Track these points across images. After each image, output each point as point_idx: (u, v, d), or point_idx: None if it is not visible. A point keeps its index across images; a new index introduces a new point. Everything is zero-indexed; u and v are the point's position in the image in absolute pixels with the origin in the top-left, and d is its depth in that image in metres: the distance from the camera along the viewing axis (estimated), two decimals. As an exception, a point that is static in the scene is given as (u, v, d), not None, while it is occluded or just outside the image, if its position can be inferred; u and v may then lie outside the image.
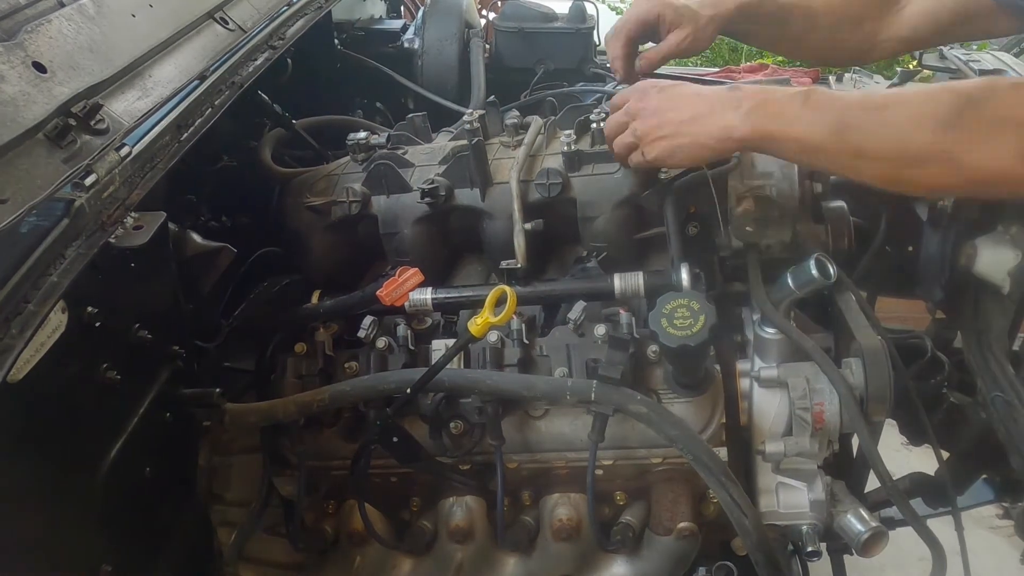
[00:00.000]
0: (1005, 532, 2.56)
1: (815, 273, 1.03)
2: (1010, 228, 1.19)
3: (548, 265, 1.27)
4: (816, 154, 0.94)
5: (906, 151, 0.88)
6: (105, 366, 0.86)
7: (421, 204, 1.21)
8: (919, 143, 0.87)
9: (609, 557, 1.17)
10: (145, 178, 0.92)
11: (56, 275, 0.77)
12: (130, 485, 0.91)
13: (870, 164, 0.91)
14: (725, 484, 0.95)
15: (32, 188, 0.78)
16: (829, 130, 0.92)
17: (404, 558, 1.22)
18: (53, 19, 0.92)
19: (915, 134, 0.87)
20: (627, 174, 1.17)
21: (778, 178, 1.16)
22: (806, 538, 1.09)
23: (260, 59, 1.22)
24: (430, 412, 1.10)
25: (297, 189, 1.32)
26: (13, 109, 0.81)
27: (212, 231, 1.27)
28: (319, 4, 1.48)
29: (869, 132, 0.90)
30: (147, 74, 1.01)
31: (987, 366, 1.21)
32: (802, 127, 0.93)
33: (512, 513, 1.19)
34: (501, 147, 1.27)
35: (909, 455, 1.96)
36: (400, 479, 1.20)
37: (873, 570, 2.20)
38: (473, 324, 1.01)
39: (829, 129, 0.91)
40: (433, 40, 1.97)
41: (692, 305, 0.95)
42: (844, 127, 0.91)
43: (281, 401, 1.11)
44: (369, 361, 1.15)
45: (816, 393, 1.07)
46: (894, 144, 0.89)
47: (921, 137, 0.87)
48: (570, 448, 1.13)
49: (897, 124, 0.88)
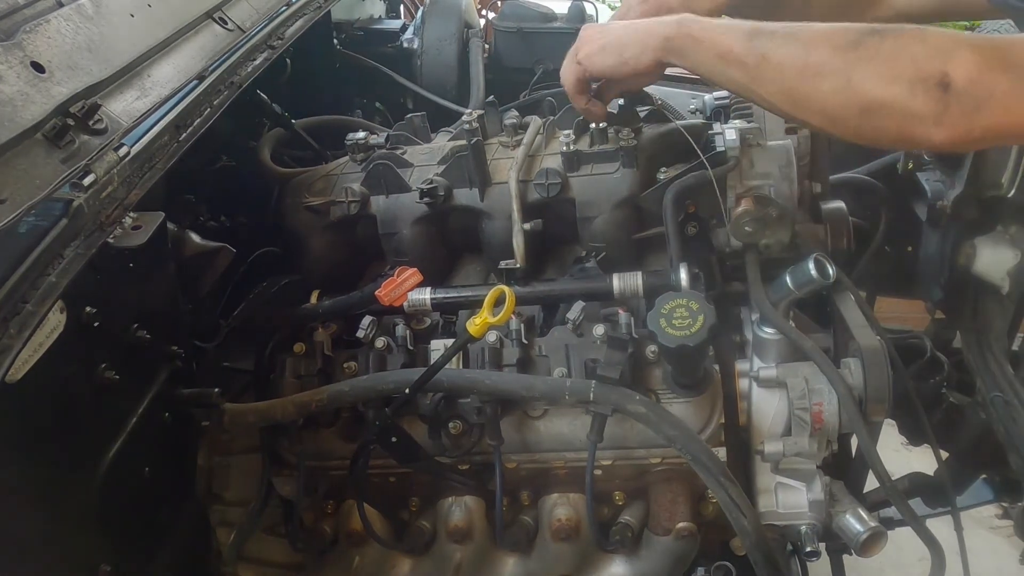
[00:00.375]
0: (1005, 532, 2.56)
1: (814, 273, 1.03)
2: (1009, 228, 1.20)
3: (547, 265, 1.27)
4: (728, 57, 0.97)
5: (806, 64, 0.91)
6: (104, 366, 0.86)
7: (420, 204, 1.21)
8: (819, 57, 0.90)
9: (608, 557, 1.17)
10: (144, 178, 0.92)
11: (55, 275, 0.77)
12: (129, 485, 0.91)
13: (772, 70, 0.94)
14: (724, 484, 0.95)
15: (31, 188, 0.78)
16: (743, 34, 0.95)
17: (403, 558, 1.22)
18: (51, 19, 0.92)
19: (819, 48, 0.90)
20: (626, 174, 1.17)
21: (777, 178, 1.16)
22: (805, 538, 1.09)
23: (259, 59, 1.22)
24: (429, 412, 1.10)
25: (296, 189, 1.32)
26: (11, 109, 0.80)
27: (211, 231, 1.27)
28: (318, 4, 1.48)
29: (778, 40, 0.93)
30: (146, 74, 1.01)
31: (986, 366, 1.21)
32: (721, 31, 0.98)
33: (511, 513, 1.19)
34: (500, 147, 1.27)
35: (908, 455, 1.96)
36: (399, 479, 1.20)
37: (872, 570, 2.20)
38: (472, 324, 1.01)
39: (743, 34, 0.96)
40: (432, 40, 1.97)
41: (691, 305, 0.95)
42: (756, 33, 0.95)
43: (280, 401, 1.11)
44: (368, 361, 1.15)
45: (815, 393, 1.07)
46: (797, 54, 0.92)
47: (822, 52, 0.89)
48: (569, 448, 1.13)
49: (804, 38, 0.92)
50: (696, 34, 1.00)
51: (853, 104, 0.87)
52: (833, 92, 0.88)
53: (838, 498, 1.11)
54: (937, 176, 1.62)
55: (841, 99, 0.88)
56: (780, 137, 1.21)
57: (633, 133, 1.18)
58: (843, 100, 0.88)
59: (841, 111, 0.90)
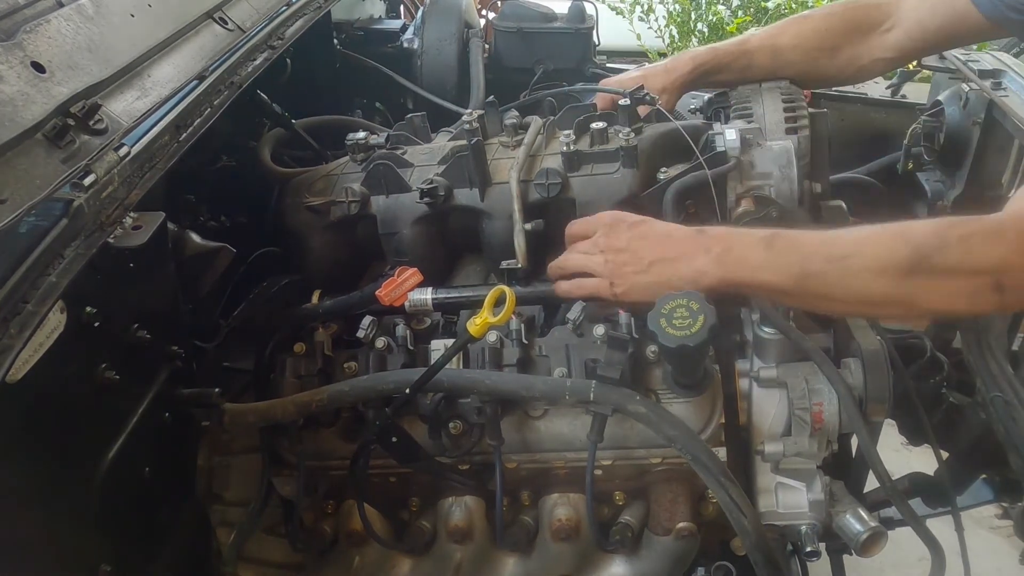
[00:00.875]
0: (1005, 532, 2.56)
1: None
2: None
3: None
4: (783, 297, 1.02)
5: (868, 298, 0.96)
6: (104, 366, 0.86)
7: (420, 204, 1.21)
8: (879, 291, 0.95)
9: (608, 557, 1.17)
10: (144, 178, 0.92)
11: (55, 275, 0.77)
12: (129, 485, 0.91)
13: (835, 305, 1.00)
14: (724, 484, 0.95)
15: (31, 188, 0.78)
16: (794, 279, 0.97)
17: (403, 558, 1.22)
18: (52, 19, 0.92)
19: (875, 284, 0.95)
20: (627, 174, 1.17)
21: (778, 178, 1.16)
22: (805, 538, 1.09)
23: (259, 59, 1.22)
24: (429, 412, 1.10)
25: (296, 189, 1.31)
26: (12, 109, 0.80)
27: (211, 231, 1.27)
28: (318, 4, 1.48)
29: (832, 281, 0.97)
30: (146, 74, 1.01)
31: (986, 366, 1.21)
32: (768, 275, 0.99)
33: (511, 513, 1.19)
34: (500, 147, 1.27)
35: (908, 455, 1.96)
36: (399, 479, 1.20)
37: (872, 570, 2.20)
38: (472, 324, 1.01)
39: (793, 278, 0.97)
40: (432, 40, 1.98)
41: (691, 305, 0.94)
42: (807, 275, 0.97)
43: (280, 401, 1.11)
44: (368, 361, 1.14)
45: (815, 393, 1.07)
46: (856, 292, 0.96)
47: (881, 286, 0.95)
48: (569, 448, 1.13)
49: (857, 274, 0.95)
50: (744, 281, 1.00)
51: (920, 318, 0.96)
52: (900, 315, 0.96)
53: (838, 498, 1.11)
54: (937, 176, 1.63)
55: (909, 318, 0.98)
56: (780, 137, 1.21)
57: (633, 133, 1.18)
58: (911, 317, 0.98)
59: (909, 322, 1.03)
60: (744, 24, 4.01)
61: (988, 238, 0.93)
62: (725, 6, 4.31)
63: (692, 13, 4.37)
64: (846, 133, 1.85)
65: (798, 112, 1.25)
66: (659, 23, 4.41)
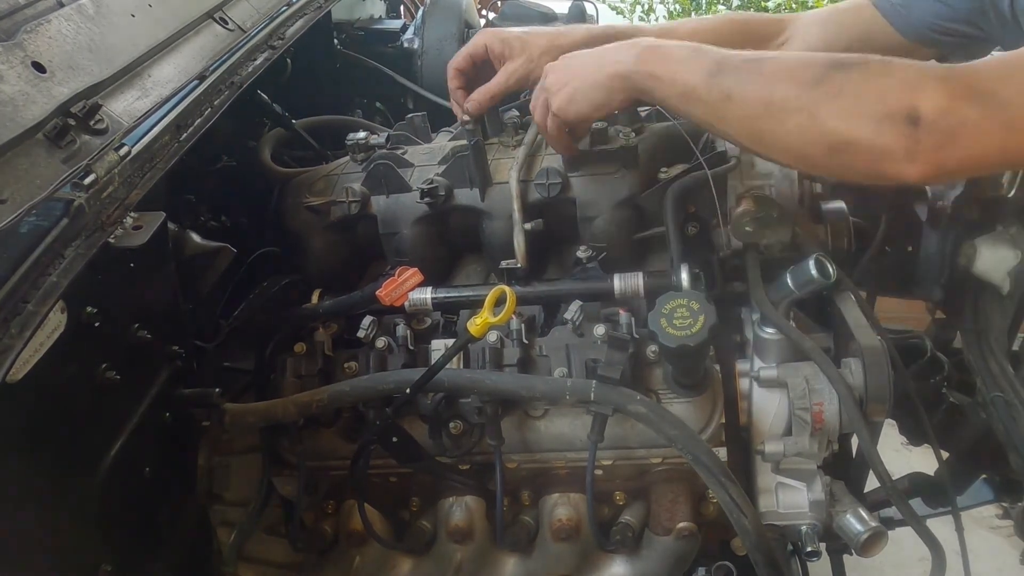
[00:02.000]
0: (1005, 532, 2.57)
1: (814, 273, 1.04)
2: (1010, 228, 1.19)
3: (548, 265, 1.27)
4: (691, 96, 0.96)
5: (771, 100, 0.89)
6: (104, 366, 0.86)
7: (420, 204, 1.21)
8: (784, 94, 0.88)
9: (608, 557, 1.17)
10: (144, 178, 0.92)
11: (55, 275, 0.77)
12: (129, 485, 0.91)
13: (736, 108, 0.92)
14: (724, 484, 0.95)
15: (31, 188, 0.78)
16: (706, 71, 0.94)
17: (403, 558, 1.22)
18: (52, 19, 0.92)
19: (782, 85, 0.88)
20: (627, 174, 1.17)
21: (778, 178, 1.16)
22: (805, 538, 1.09)
23: (259, 59, 1.22)
24: (429, 412, 1.10)
25: (296, 189, 1.32)
26: (12, 109, 0.81)
27: (211, 231, 1.27)
28: (318, 4, 1.48)
29: (741, 77, 0.92)
30: (146, 74, 1.01)
31: (987, 366, 1.21)
32: (683, 67, 0.96)
33: (511, 513, 1.19)
34: (500, 147, 1.27)
35: (909, 455, 1.97)
36: (399, 479, 1.20)
37: (873, 570, 2.20)
38: (473, 324, 1.01)
39: (706, 71, 0.94)
40: (433, 40, 1.97)
41: (692, 305, 0.95)
42: (720, 70, 0.94)
43: (280, 401, 1.11)
44: (368, 361, 1.15)
45: (815, 393, 1.07)
46: (761, 91, 0.90)
47: (787, 89, 0.88)
48: (570, 448, 1.13)
49: (768, 74, 0.90)
50: (657, 72, 0.98)
51: (820, 143, 0.85)
52: (799, 131, 0.86)
53: (839, 498, 1.11)
54: (937, 176, 1.62)
55: (807, 138, 0.87)
56: (781, 137, 1.21)
57: (634, 133, 1.19)
58: (809, 139, 0.87)
59: (808, 149, 0.88)
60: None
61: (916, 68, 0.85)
62: (725, 6, 4.32)
63: (692, 13, 4.39)
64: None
65: (799, 112, 1.25)
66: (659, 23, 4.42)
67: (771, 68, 0.91)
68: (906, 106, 0.81)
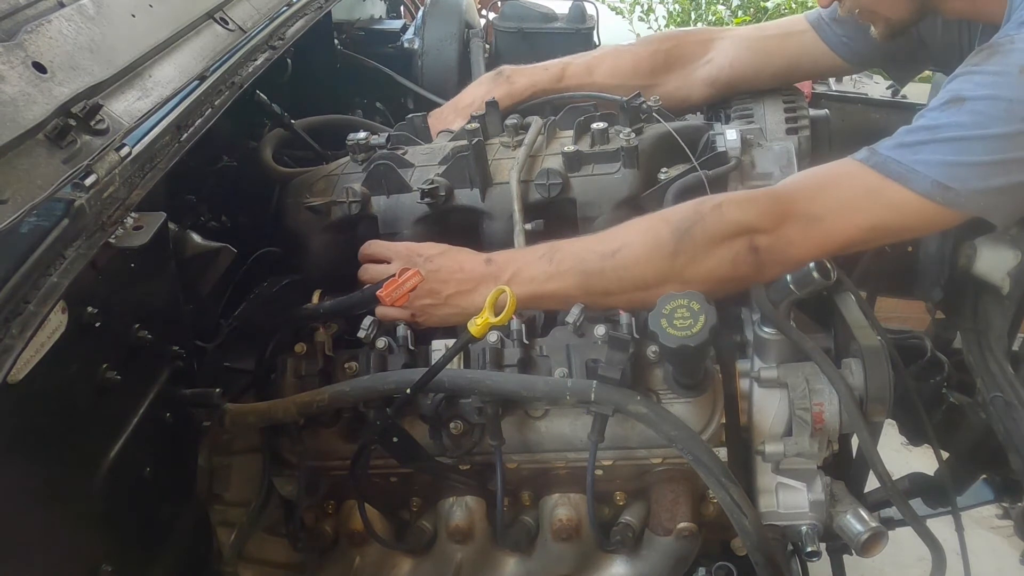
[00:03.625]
0: (1005, 532, 2.57)
1: (815, 274, 1.03)
2: (1010, 228, 1.19)
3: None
4: (574, 300, 1.08)
5: (644, 282, 1.06)
6: (105, 366, 0.86)
7: (421, 204, 1.21)
8: (652, 274, 1.05)
9: (609, 557, 1.17)
10: (145, 178, 0.92)
11: (56, 275, 0.77)
12: (130, 485, 0.91)
13: (619, 299, 1.08)
14: (725, 484, 0.95)
15: (32, 188, 0.78)
16: (576, 283, 1.08)
17: (404, 558, 1.22)
18: (53, 19, 0.92)
19: (647, 268, 1.05)
20: (627, 174, 1.17)
21: (778, 178, 1.16)
22: (806, 538, 1.09)
23: (260, 59, 1.22)
24: (430, 412, 1.10)
25: (297, 189, 1.32)
26: (13, 109, 0.80)
27: (212, 231, 1.27)
28: (319, 4, 1.48)
29: (609, 276, 1.07)
30: (147, 74, 1.01)
31: (987, 366, 1.21)
32: (554, 285, 1.09)
33: (512, 513, 1.19)
34: (501, 147, 1.27)
35: (909, 455, 1.97)
36: (400, 479, 1.20)
37: (873, 570, 2.20)
38: (473, 324, 1.01)
39: (576, 282, 1.08)
40: (433, 40, 1.98)
41: (692, 305, 0.95)
42: (588, 275, 1.07)
43: (281, 401, 1.11)
44: (369, 361, 1.14)
45: (816, 393, 1.07)
46: (632, 280, 1.06)
47: (652, 269, 1.05)
48: (570, 448, 1.13)
49: (630, 265, 1.06)
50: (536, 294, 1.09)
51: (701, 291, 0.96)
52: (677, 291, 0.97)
53: (839, 498, 1.11)
54: (937, 176, 1.62)
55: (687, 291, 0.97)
56: (781, 137, 1.21)
57: (634, 133, 1.19)
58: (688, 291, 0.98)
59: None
60: (744, 24, 4.02)
61: (739, 204, 1.05)
62: (725, 6, 4.32)
63: (692, 13, 4.39)
64: (846, 133, 1.85)
65: (799, 113, 1.26)
66: (659, 23, 4.43)
67: (628, 258, 1.06)
68: (745, 245, 1.04)
